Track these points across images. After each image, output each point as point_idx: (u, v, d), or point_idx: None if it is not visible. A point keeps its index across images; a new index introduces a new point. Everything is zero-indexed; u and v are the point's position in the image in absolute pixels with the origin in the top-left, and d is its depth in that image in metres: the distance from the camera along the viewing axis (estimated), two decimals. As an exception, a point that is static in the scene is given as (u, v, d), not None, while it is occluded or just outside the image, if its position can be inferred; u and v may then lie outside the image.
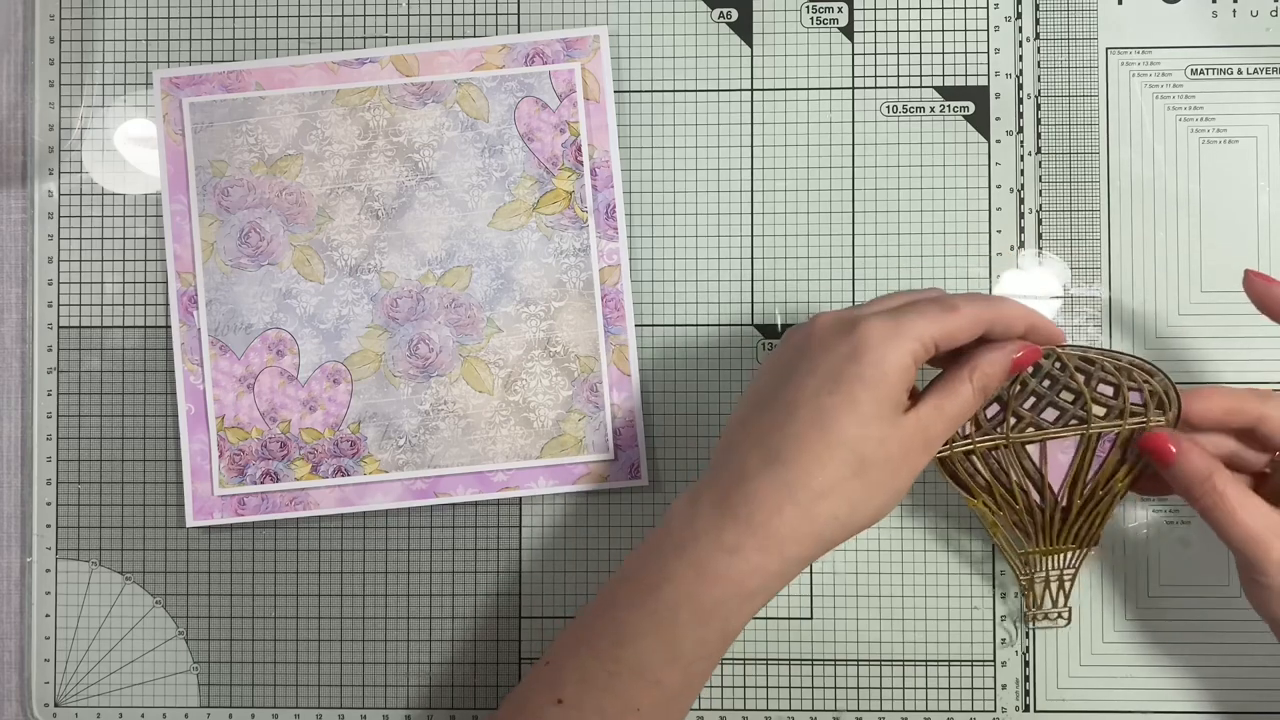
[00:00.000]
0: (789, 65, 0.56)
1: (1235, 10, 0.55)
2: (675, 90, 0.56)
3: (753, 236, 0.56)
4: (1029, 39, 0.56)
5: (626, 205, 0.56)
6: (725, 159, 0.56)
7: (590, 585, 0.56)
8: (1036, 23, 0.56)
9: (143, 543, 0.56)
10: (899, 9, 0.56)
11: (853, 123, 0.56)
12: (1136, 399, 0.48)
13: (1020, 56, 0.56)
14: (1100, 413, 0.48)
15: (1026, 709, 0.55)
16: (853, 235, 0.56)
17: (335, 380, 0.55)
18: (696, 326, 0.56)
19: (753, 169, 0.56)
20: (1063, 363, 0.48)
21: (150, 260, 0.56)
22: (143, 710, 0.56)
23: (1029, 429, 0.49)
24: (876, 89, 0.56)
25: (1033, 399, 0.49)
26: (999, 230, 0.55)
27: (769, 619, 0.55)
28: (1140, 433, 0.48)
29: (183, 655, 0.56)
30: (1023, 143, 0.56)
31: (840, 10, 0.56)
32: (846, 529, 0.44)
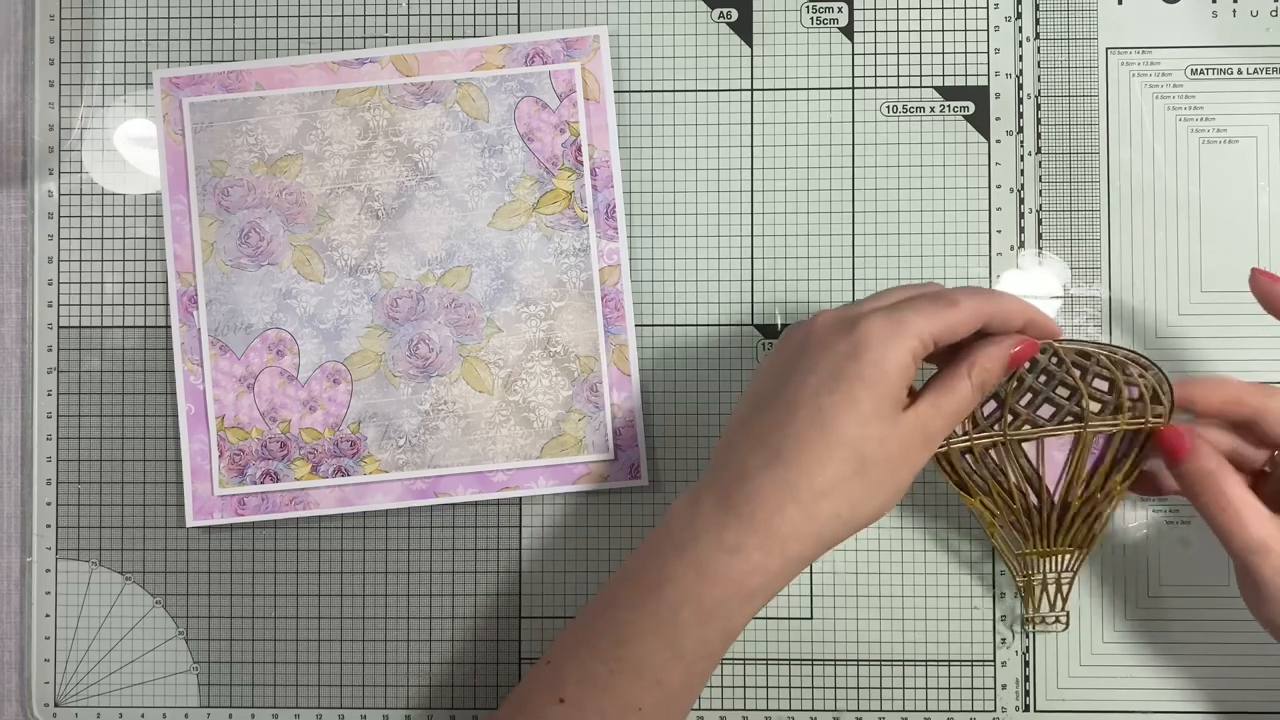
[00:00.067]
0: (789, 65, 0.56)
1: (1235, 10, 0.55)
2: (675, 90, 0.56)
3: (753, 236, 0.56)
4: (1029, 39, 0.56)
5: (626, 205, 0.56)
6: (725, 159, 0.56)
7: (590, 585, 0.56)
8: (1036, 23, 0.56)
9: (143, 543, 0.56)
10: (899, 9, 0.56)
11: (853, 123, 0.56)
12: (1131, 394, 0.48)
13: (1020, 56, 0.56)
14: (1095, 408, 0.48)
15: (1026, 709, 0.55)
16: (853, 235, 0.56)
17: (335, 380, 0.55)
18: (696, 326, 0.56)
19: (753, 169, 0.56)
20: (1059, 357, 0.47)
21: (150, 260, 0.56)
22: (143, 710, 0.56)
23: (1025, 426, 0.49)
24: (876, 89, 0.56)
25: (1029, 395, 0.49)
26: (999, 230, 0.55)
27: (769, 619, 0.55)
28: (1134, 430, 0.48)
29: (183, 655, 0.56)
30: (1023, 143, 0.56)
31: (840, 10, 0.56)
32: (848, 528, 0.44)
